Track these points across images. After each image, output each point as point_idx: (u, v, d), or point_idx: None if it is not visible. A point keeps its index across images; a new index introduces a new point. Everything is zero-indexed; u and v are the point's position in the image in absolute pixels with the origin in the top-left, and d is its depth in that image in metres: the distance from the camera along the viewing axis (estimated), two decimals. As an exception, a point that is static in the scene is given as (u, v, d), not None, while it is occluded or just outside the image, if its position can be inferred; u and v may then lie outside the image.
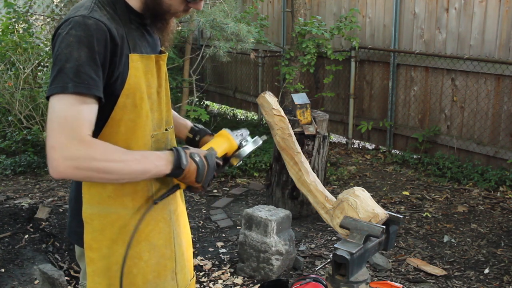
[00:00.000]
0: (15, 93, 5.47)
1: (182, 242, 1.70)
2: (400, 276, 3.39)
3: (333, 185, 5.17)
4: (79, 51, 1.31)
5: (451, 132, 5.67)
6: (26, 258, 3.37)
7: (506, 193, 4.86)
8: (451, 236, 4.01)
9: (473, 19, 5.29)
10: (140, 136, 1.50)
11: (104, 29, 1.35)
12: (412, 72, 6.01)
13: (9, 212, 3.85)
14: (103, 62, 1.35)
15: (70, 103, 1.29)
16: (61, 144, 1.27)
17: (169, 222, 1.62)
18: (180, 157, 1.45)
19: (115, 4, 1.47)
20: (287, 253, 3.33)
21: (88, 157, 1.28)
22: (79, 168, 1.28)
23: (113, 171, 1.33)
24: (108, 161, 1.32)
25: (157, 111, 1.56)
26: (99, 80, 1.34)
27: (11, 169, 5.40)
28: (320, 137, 4.24)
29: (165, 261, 1.60)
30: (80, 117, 1.30)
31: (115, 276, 1.51)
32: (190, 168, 1.46)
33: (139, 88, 1.47)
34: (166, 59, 1.64)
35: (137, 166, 1.37)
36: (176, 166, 1.44)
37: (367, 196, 1.62)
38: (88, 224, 1.50)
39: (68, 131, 1.28)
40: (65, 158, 1.27)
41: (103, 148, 1.33)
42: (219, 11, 5.52)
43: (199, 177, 1.48)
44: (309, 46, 6.02)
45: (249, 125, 7.54)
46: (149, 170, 1.39)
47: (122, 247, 1.50)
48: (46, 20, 7.35)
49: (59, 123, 1.28)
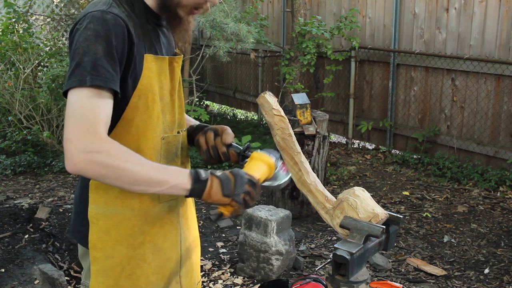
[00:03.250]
0: (15, 93, 5.47)
1: (189, 246, 1.68)
2: (400, 276, 3.39)
3: (333, 185, 5.17)
4: (96, 45, 1.30)
5: (451, 132, 5.67)
6: (26, 258, 3.37)
7: (506, 193, 4.86)
8: (451, 236, 4.01)
9: (473, 19, 5.29)
10: (151, 137, 1.48)
11: (122, 25, 1.34)
12: (412, 72, 6.01)
13: (9, 212, 3.85)
14: (120, 57, 1.34)
15: (87, 96, 1.28)
16: (77, 136, 1.25)
17: (177, 225, 1.61)
18: (197, 173, 1.37)
19: (133, 3, 1.45)
20: (287, 253, 3.33)
21: (104, 151, 1.25)
22: (93, 162, 1.24)
23: (128, 172, 1.27)
24: (124, 160, 1.27)
25: (169, 113, 1.54)
26: (116, 75, 1.33)
27: (11, 169, 5.40)
28: (320, 137, 4.24)
29: (170, 264, 1.59)
30: (97, 111, 1.28)
31: (118, 277, 1.50)
32: (213, 184, 1.37)
33: (152, 89, 1.45)
34: (181, 61, 1.61)
35: (155, 173, 1.31)
36: (195, 179, 1.35)
37: (367, 196, 1.62)
38: (94, 224, 1.49)
39: (84, 124, 1.26)
40: (80, 150, 1.24)
41: (119, 147, 1.29)
42: (219, 11, 5.52)
43: (225, 189, 1.37)
44: (309, 46, 6.02)
45: (249, 125, 7.54)
46: (167, 181, 1.32)
47: (127, 248, 1.50)
48: (46, 20, 7.35)
49: (75, 116, 1.27)
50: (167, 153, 1.54)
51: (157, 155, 1.51)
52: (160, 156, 1.52)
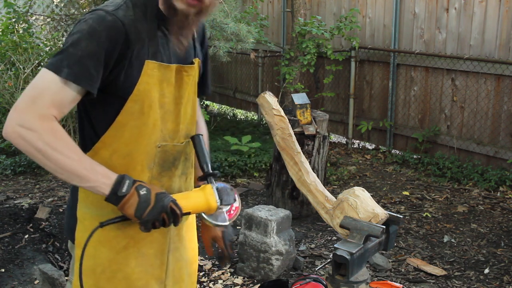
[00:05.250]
0: (15, 93, 5.47)
1: (181, 257, 1.66)
2: (400, 276, 3.39)
3: (333, 185, 5.17)
4: (87, 42, 1.32)
5: (451, 132, 5.67)
6: (26, 258, 3.37)
7: (506, 193, 4.86)
8: (451, 236, 4.01)
9: (473, 19, 5.29)
10: (144, 144, 1.47)
11: (120, 30, 1.35)
12: (412, 72, 6.01)
13: (9, 212, 3.85)
14: (108, 60, 1.35)
15: (55, 81, 1.31)
16: (22, 108, 1.29)
17: (166, 234, 1.59)
18: (120, 183, 1.34)
19: (147, 7, 1.44)
20: (287, 253, 3.33)
21: (37, 132, 1.28)
22: (23, 137, 1.28)
23: (53, 160, 1.29)
24: (52, 148, 1.29)
25: (172, 122, 1.52)
26: (97, 75, 1.34)
27: (11, 169, 5.40)
28: (320, 137, 4.24)
29: (153, 271, 1.57)
30: (55, 97, 1.31)
31: (98, 278, 1.50)
32: (131, 199, 1.34)
33: (149, 96, 1.44)
34: (193, 71, 1.55)
35: (78, 169, 1.31)
36: (113, 191, 1.34)
37: (367, 196, 1.62)
38: (81, 222, 1.51)
39: (35, 101, 1.29)
40: (17, 121, 1.28)
41: (56, 136, 1.30)
42: (219, 11, 5.52)
43: (138, 211, 1.34)
44: (309, 46, 6.02)
45: (249, 125, 7.54)
46: (88, 180, 1.32)
47: (108, 251, 1.50)
48: (46, 20, 7.35)
49: (34, 90, 1.31)
50: (162, 161, 1.52)
51: (149, 163, 1.49)
52: (154, 164, 1.50)
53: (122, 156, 1.46)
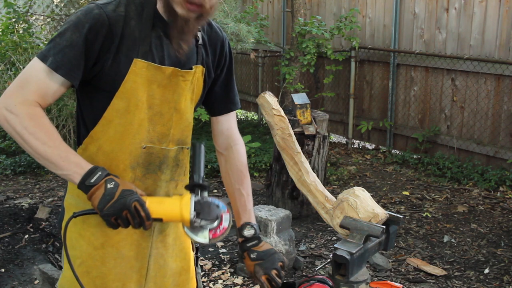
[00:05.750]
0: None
1: (165, 264, 1.63)
2: (400, 276, 3.39)
3: (333, 185, 5.17)
4: (71, 33, 1.37)
5: (451, 132, 5.67)
6: (26, 258, 3.37)
7: (506, 193, 4.86)
8: (451, 236, 4.01)
9: (473, 19, 5.29)
10: (128, 143, 1.46)
11: (104, 23, 1.38)
12: (412, 72, 6.01)
13: (9, 212, 3.85)
14: (89, 51, 1.38)
15: (42, 70, 1.37)
16: (10, 93, 1.36)
17: (147, 238, 1.57)
18: (91, 174, 1.35)
19: (144, 8, 1.44)
20: (287, 253, 3.33)
21: (19, 116, 1.34)
22: (5, 119, 1.35)
23: (29, 144, 1.35)
24: (29, 132, 1.34)
25: (161, 125, 1.50)
26: (77, 65, 1.38)
27: (11, 169, 5.40)
28: (320, 137, 4.24)
29: (132, 274, 1.56)
30: (41, 85, 1.37)
31: (77, 269, 1.47)
32: (97, 191, 1.34)
33: (135, 95, 1.43)
34: (190, 76, 1.51)
35: (52, 156, 1.35)
36: (82, 180, 1.35)
37: (367, 196, 1.62)
38: (67, 212, 1.57)
39: (22, 87, 1.36)
40: (3, 104, 1.35)
41: (36, 122, 1.36)
42: (219, 11, 5.52)
43: (100, 204, 1.32)
44: (309, 46, 6.02)
45: (249, 125, 7.54)
46: (61, 168, 1.36)
47: (87, 245, 1.52)
48: (46, 20, 7.35)
49: (23, 76, 1.38)
50: (147, 163, 1.51)
51: (133, 162, 1.49)
52: (137, 164, 1.49)
53: (106, 153, 1.47)
